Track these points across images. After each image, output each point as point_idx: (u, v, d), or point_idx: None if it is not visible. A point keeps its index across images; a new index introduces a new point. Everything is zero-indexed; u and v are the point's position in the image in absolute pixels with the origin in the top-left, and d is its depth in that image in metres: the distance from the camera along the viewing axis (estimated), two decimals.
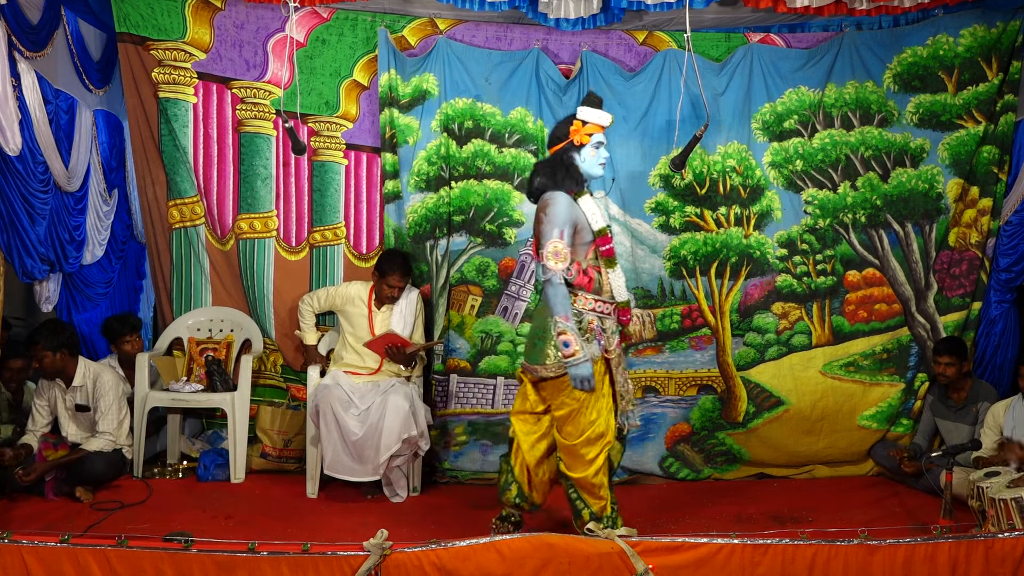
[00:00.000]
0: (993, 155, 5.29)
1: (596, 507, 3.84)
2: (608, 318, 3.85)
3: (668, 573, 3.38)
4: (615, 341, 3.85)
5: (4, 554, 3.33)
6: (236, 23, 5.19)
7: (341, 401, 4.72)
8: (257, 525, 4.29)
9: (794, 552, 3.44)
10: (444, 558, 3.36)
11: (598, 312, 3.82)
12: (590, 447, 3.75)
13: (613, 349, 3.82)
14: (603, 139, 3.89)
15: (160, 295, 5.47)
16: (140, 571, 3.33)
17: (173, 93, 5.21)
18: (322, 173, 5.37)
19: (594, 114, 3.86)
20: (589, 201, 3.90)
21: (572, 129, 3.88)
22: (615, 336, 3.86)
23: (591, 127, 3.86)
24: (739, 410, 5.32)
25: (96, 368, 4.85)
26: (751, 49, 5.29)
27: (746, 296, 5.34)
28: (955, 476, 4.18)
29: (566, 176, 3.84)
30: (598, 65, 5.26)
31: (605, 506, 3.86)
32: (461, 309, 5.31)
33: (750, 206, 5.35)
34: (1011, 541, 3.50)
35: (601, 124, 3.87)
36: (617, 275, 3.87)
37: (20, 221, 4.54)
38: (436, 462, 5.23)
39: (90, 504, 4.52)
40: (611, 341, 3.82)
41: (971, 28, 5.22)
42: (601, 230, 3.86)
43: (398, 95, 5.22)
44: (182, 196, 5.32)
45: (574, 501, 3.88)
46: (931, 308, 5.36)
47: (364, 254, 5.41)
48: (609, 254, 3.86)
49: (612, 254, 3.87)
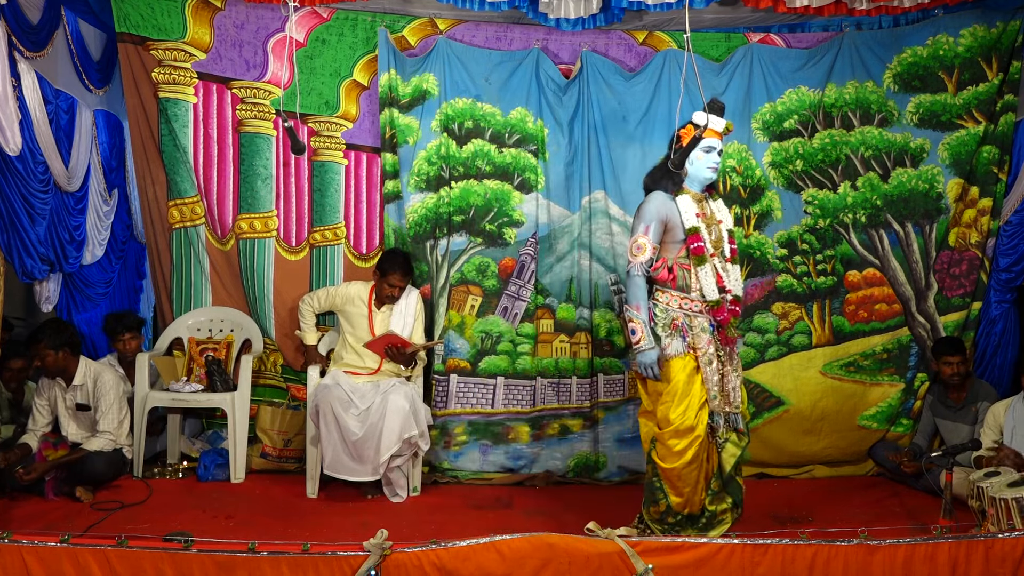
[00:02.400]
0: (993, 155, 5.29)
1: (675, 502, 3.87)
2: (698, 316, 3.88)
3: (668, 573, 3.39)
4: (705, 339, 3.86)
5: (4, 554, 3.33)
6: (236, 23, 5.19)
7: (341, 401, 4.72)
8: (257, 525, 4.28)
9: (794, 552, 3.44)
10: (444, 558, 3.36)
11: (684, 310, 3.89)
12: (678, 439, 3.79)
13: (703, 347, 3.85)
14: (714, 144, 3.93)
15: (160, 295, 5.47)
16: (140, 571, 3.33)
17: (173, 93, 5.21)
18: (322, 173, 5.37)
19: (707, 118, 3.93)
20: (688, 200, 3.95)
21: (683, 132, 3.98)
22: (705, 334, 3.87)
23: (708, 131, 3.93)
24: None
25: (97, 368, 4.85)
26: (751, 49, 5.30)
27: (746, 296, 5.33)
28: (955, 476, 4.18)
29: (663, 176, 4.01)
30: (598, 65, 5.26)
31: (685, 503, 3.86)
32: (461, 309, 5.31)
33: (750, 206, 5.35)
34: (1011, 541, 3.50)
35: (715, 129, 3.94)
36: (707, 273, 3.87)
37: (20, 221, 4.54)
38: (436, 462, 5.23)
39: (90, 504, 4.51)
40: (699, 339, 3.86)
41: (971, 28, 5.22)
42: (692, 228, 3.90)
43: (398, 95, 5.22)
44: (182, 196, 5.32)
45: (655, 490, 3.90)
46: (931, 308, 5.36)
47: (364, 254, 5.41)
48: (698, 252, 3.88)
49: (701, 252, 3.88)
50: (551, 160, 5.33)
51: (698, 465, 3.82)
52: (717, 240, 3.97)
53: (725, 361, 3.92)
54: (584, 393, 5.33)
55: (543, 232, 5.32)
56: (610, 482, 5.21)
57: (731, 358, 3.95)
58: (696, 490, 3.85)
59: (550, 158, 5.33)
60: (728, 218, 4.08)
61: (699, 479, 3.85)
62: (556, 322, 5.36)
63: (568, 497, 4.90)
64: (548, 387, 5.33)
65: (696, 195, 4.00)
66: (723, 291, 3.90)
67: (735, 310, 3.94)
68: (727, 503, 3.92)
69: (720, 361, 3.90)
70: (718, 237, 3.98)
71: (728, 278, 3.94)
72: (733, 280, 3.96)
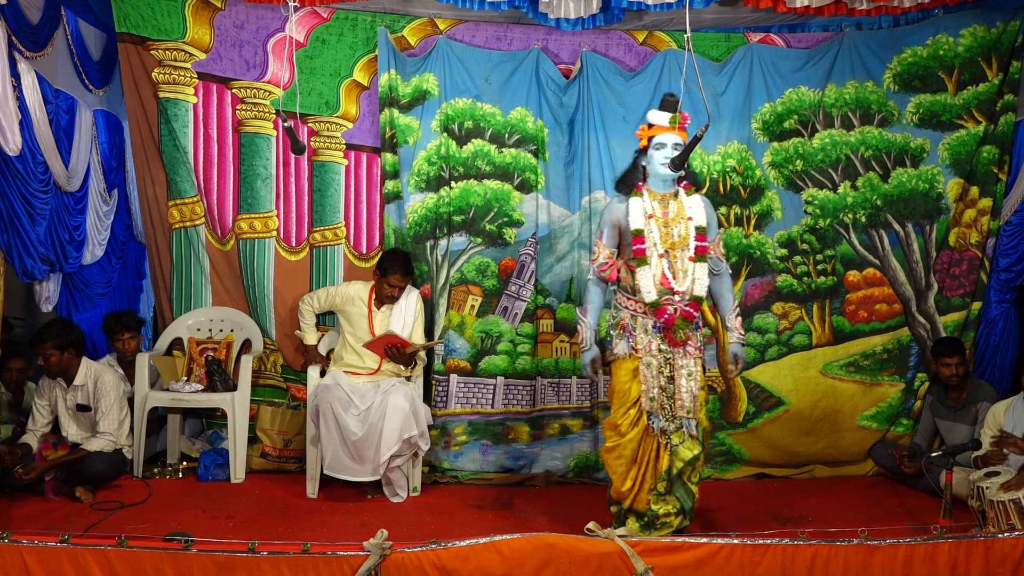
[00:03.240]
0: (993, 155, 5.29)
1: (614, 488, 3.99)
2: (642, 317, 3.89)
3: (668, 573, 3.39)
4: (646, 340, 3.88)
5: (4, 554, 3.33)
6: (236, 23, 5.19)
7: (341, 401, 4.72)
8: (257, 525, 4.28)
9: (794, 552, 3.44)
10: (444, 558, 3.36)
11: (631, 310, 3.93)
12: (609, 431, 4.02)
13: (644, 348, 3.87)
14: (664, 140, 3.91)
15: (160, 295, 5.47)
16: (140, 571, 3.33)
17: (173, 93, 5.21)
18: (322, 173, 5.37)
19: (654, 115, 3.97)
20: (638, 202, 3.96)
21: (639, 133, 4.03)
22: (647, 335, 3.88)
23: (653, 129, 3.95)
24: (739, 410, 5.33)
25: (98, 368, 4.85)
26: (751, 49, 5.30)
27: (746, 296, 5.34)
28: (955, 476, 4.17)
29: (626, 179, 4.07)
30: (598, 65, 5.26)
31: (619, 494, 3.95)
32: (461, 309, 5.31)
33: (750, 206, 5.35)
34: (1011, 541, 3.50)
35: (661, 125, 3.94)
36: (646, 274, 3.87)
37: (20, 221, 4.54)
38: (436, 462, 5.23)
39: (90, 504, 4.51)
40: (640, 340, 3.88)
41: (971, 28, 5.22)
42: (636, 230, 3.91)
43: (398, 95, 5.22)
44: (182, 196, 5.32)
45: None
46: (931, 308, 5.36)
47: (364, 254, 5.41)
48: (638, 253, 3.90)
49: (641, 253, 3.89)
50: (551, 160, 5.33)
51: (627, 461, 3.91)
52: (680, 239, 3.90)
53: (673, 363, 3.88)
54: (584, 393, 5.33)
55: (543, 232, 5.32)
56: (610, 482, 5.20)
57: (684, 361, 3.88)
58: (625, 482, 3.93)
59: (550, 158, 5.33)
60: (701, 215, 3.96)
61: (633, 475, 3.92)
62: (556, 322, 5.36)
63: (568, 497, 4.90)
64: (548, 387, 5.33)
65: (658, 194, 3.97)
66: (670, 292, 3.85)
67: (688, 311, 3.84)
68: (671, 507, 3.90)
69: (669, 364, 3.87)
70: (682, 236, 3.91)
71: (684, 278, 3.87)
72: (690, 280, 3.88)
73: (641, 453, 3.91)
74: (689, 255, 3.90)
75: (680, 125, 3.92)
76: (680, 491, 3.92)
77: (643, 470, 3.92)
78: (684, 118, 3.94)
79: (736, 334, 4.07)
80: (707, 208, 4.05)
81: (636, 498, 3.94)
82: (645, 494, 3.92)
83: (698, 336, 3.94)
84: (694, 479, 3.96)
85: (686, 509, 3.93)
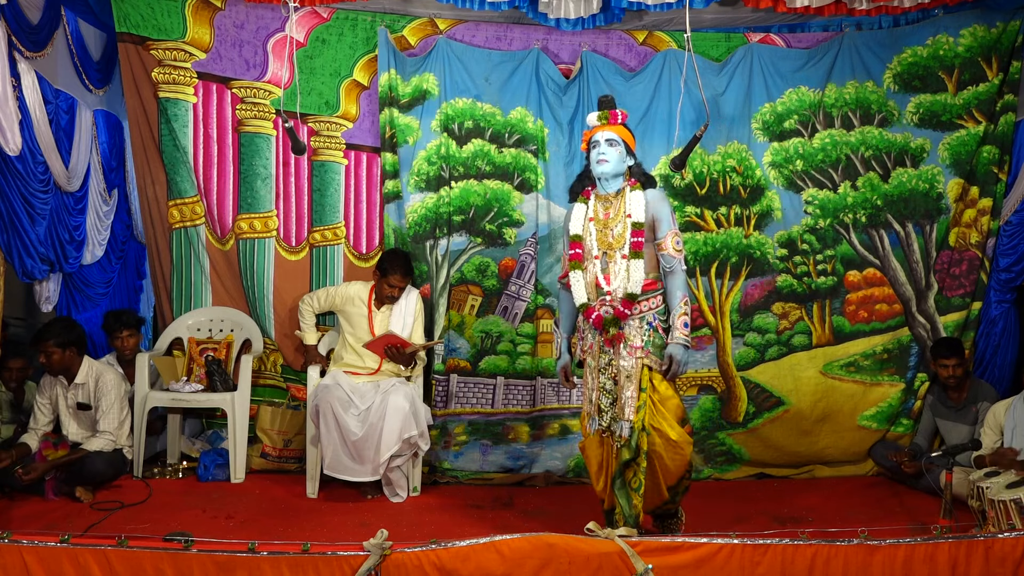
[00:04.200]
0: (993, 155, 5.29)
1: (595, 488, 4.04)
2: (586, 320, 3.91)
3: (668, 573, 3.38)
4: (588, 342, 3.92)
5: (4, 554, 3.33)
6: (236, 23, 5.19)
7: (341, 401, 4.72)
8: (257, 525, 4.29)
9: (794, 552, 3.44)
10: (444, 558, 3.35)
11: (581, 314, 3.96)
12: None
13: (588, 350, 3.92)
14: (598, 137, 3.88)
15: (160, 295, 5.47)
16: (140, 571, 3.33)
17: (173, 93, 5.21)
18: (322, 173, 5.37)
19: (589, 118, 3.96)
20: (579, 208, 3.99)
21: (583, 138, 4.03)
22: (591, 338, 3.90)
23: (592, 131, 3.93)
24: (739, 410, 5.33)
25: (99, 367, 4.86)
26: (751, 49, 5.30)
27: (746, 296, 5.34)
28: (955, 476, 4.17)
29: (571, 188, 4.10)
30: (598, 65, 5.26)
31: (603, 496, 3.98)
32: (461, 309, 5.31)
33: (750, 206, 5.35)
34: (1011, 541, 3.49)
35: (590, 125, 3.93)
36: (577, 278, 3.89)
37: (20, 221, 4.54)
38: (436, 462, 5.23)
39: (90, 504, 4.51)
40: (584, 342, 3.94)
41: (971, 28, 5.22)
42: (573, 235, 3.93)
43: (398, 95, 5.22)
44: (182, 196, 5.32)
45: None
46: (931, 308, 5.36)
47: (364, 254, 5.41)
48: (573, 258, 3.93)
49: (577, 258, 3.92)
50: (551, 160, 5.33)
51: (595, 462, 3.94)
52: (617, 239, 3.83)
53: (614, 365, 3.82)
54: None
55: (543, 232, 5.32)
56: None
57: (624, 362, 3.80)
58: (595, 482, 3.98)
59: (550, 158, 5.33)
60: (640, 211, 3.81)
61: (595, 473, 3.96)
62: (556, 322, 5.36)
63: (568, 497, 4.90)
64: (548, 387, 5.33)
65: (603, 196, 3.93)
66: (602, 292, 3.81)
67: (619, 309, 3.77)
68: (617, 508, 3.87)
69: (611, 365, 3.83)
70: (620, 235, 3.84)
71: (618, 277, 3.80)
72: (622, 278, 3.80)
73: (603, 456, 3.91)
74: (623, 253, 3.82)
75: (610, 121, 3.88)
76: (620, 495, 3.83)
77: (608, 471, 3.91)
78: (613, 115, 3.88)
79: (677, 334, 3.81)
80: (656, 203, 3.85)
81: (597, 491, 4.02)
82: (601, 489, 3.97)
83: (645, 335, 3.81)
84: (634, 485, 3.81)
85: (625, 515, 3.80)
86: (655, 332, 3.82)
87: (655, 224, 3.85)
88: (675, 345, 3.81)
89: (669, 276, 3.87)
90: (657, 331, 3.83)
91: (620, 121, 3.92)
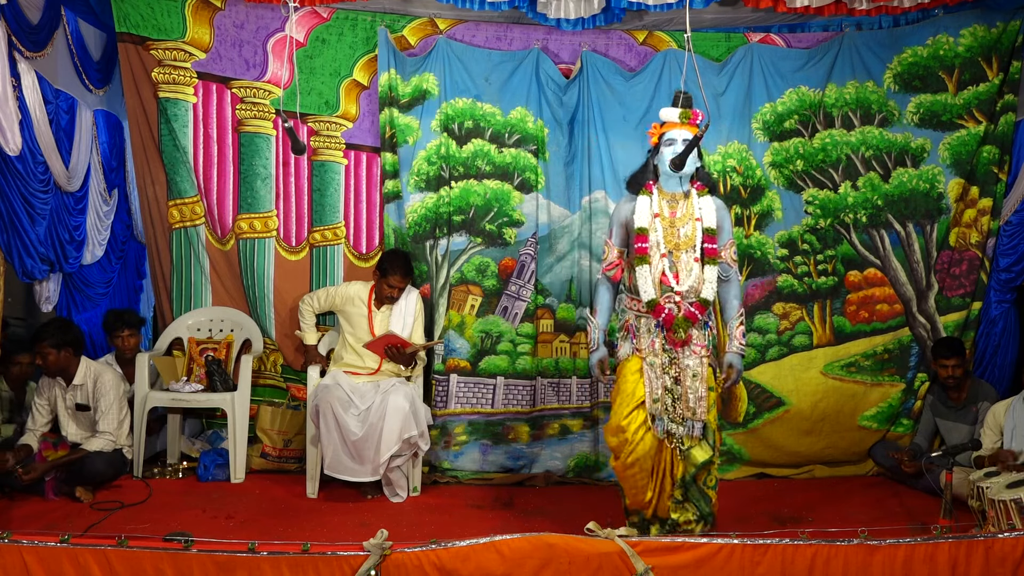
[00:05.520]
0: (993, 155, 5.29)
1: (627, 502, 3.94)
2: (645, 317, 3.86)
3: (668, 573, 3.38)
4: (648, 340, 3.85)
5: (4, 554, 3.33)
6: (236, 23, 5.19)
7: (341, 401, 4.72)
8: (257, 525, 4.28)
9: (794, 552, 3.44)
10: (444, 558, 3.36)
11: (634, 311, 3.91)
12: (612, 436, 3.90)
13: (646, 349, 3.84)
14: (674, 136, 3.89)
15: (160, 295, 5.47)
16: (140, 571, 3.33)
17: (173, 93, 5.21)
18: (322, 173, 5.37)
19: (666, 112, 3.96)
20: (645, 201, 3.94)
21: (650, 132, 4.03)
22: (650, 335, 3.85)
23: (665, 126, 3.95)
24: (739, 410, 5.33)
25: (97, 368, 4.85)
26: (751, 49, 5.30)
27: (747, 296, 5.33)
28: (955, 476, 4.17)
29: (632, 179, 4.08)
30: (598, 65, 5.26)
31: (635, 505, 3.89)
32: (461, 309, 5.31)
33: (751, 206, 5.35)
34: (1011, 541, 3.49)
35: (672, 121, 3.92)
36: (644, 273, 3.84)
37: (20, 221, 4.54)
38: (436, 462, 5.23)
39: (90, 504, 4.51)
40: (643, 340, 3.86)
41: (971, 28, 5.22)
42: (639, 229, 3.89)
43: (398, 95, 5.22)
44: (182, 196, 5.32)
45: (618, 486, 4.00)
46: (932, 308, 5.36)
47: (364, 254, 5.41)
48: (639, 252, 3.87)
49: (642, 252, 3.86)
50: (551, 160, 5.33)
51: (640, 469, 3.81)
52: (686, 239, 3.86)
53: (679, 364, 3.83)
54: (584, 393, 5.33)
55: (543, 232, 5.32)
56: (610, 482, 5.19)
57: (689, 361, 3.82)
58: (643, 494, 3.85)
59: (550, 158, 5.33)
60: (711, 217, 3.91)
61: (646, 484, 3.84)
62: (556, 322, 5.36)
63: (568, 497, 4.90)
64: (548, 387, 5.33)
65: (668, 193, 3.94)
66: (669, 290, 3.80)
67: (691, 312, 3.79)
68: (690, 514, 3.86)
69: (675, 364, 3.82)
70: (688, 236, 3.86)
71: (687, 277, 3.82)
72: (694, 280, 3.83)
73: (658, 462, 3.84)
74: (695, 256, 3.85)
75: (691, 121, 3.91)
76: (696, 496, 3.85)
77: (661, 478, 3.85)
78: (695, 115, 3.92)
79: (736, 343, 3.95)
80: (720, 211, 3.97)
81: (658, 507, 3.88)
82: (666, 502, 3.87)
83: (706, 336, 3.87)
84: (710, 483, 3.87)
85: (704, 514, 3.86)
86: (711, 332, 3.92)
87: (718, 232, 3.94)
88: (735, 355, 3.94)
89: (725, 284, 4.00)
90: (713, 332, 3.93)
91: (699, 122, 3.94)
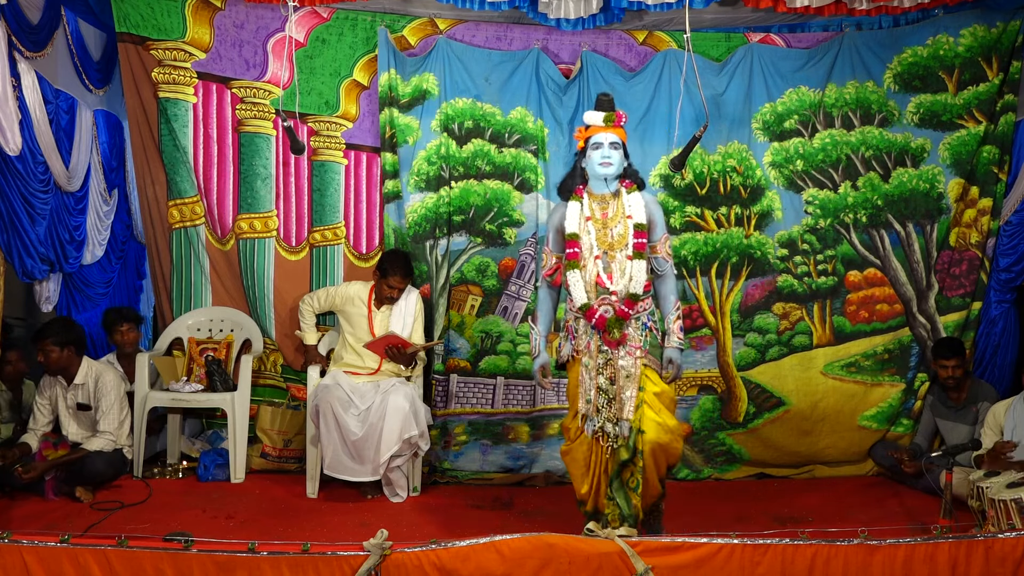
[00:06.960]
0: (993, 155, 5.29)
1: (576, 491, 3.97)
2: (581, 319, 3.86)
3: (668, 573, 3.38)
4: (584, 342, 3.85)
5: (4, 554, 3.33)
6: (236, 23, 5.19)
7: (341, 401, 4.72)
8: (257, 525, 4.29)
9: (794, 552, 3.44)
10: (444, 558, 3.35)
11: (573, 313, 3.91)
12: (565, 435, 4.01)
13: (583, 350, 3.85)
14: (600, 139, 3.85)
15: (160, 295, 5.47)
16: (140, 571, 3.33)
17: (173, 93, 5.21)
18: (322, 173, 5.37)
19: (589, 116, 3.92)
20: (575, 206, 3.92)
21: (576, 135, 3.99)
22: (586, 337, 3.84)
23: (590, 130, 3.90)
24: (739, 410, 5.33)
25: (98, 368, 4.86)
26: (751, 49, 5.30)
27: (747, 296, 5.34)
28: (955, 476, 4.17)
29: (561, 186, 4.05)
30: (598, 65, 5.26)
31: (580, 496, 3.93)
32: (461, 309, 5.31)
33: (751, 206, 5.35)
34: (1011, 541, 3.49)
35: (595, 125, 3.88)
36: (575, 278, 3.84)
37: (20, 221, 4.54)
38: (436, 462, 5.23)
39: (90, 504, 4.51)
40: (580, 342, 3.87)
41: (971, 28, 5.22)
42: (570, 234, 3.87)
43: (398, 95, 5.22)
44: (182, 196, 5.32)
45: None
46: (932, 308, 5.36)
47: (364, 254, 5.41)
48: (569, 258, 3.87)
49: (572, 257, 3.86)
50: (551, 160, 5.33)
51: (572, 460, 3.92)
52: (618, 239, 3.83)
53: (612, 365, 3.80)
54: None
55: (543, 232, 5.31)
56: None
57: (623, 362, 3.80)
58: (580, 486, 3.91)
59: (550, 158, 5.33)
60: (640, 213, 3.84)
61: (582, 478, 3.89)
62: (556, 322, 5.35)
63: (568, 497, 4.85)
64: None
65: (598, 195, 3.91)
66: (605, 291, 3.78)
67: (623, 310, 3.77)
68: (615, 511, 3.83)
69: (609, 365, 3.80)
70: (621, 235, 3.84)
71: (623, 277, 3.80)
72: (626, 279, 3.80)
73: (592, 457, 3.86)
74: (628, 254, 3.82)
75: (616, 123, 3.87)
76: (619, 495, 3.82)
77: (597, 473, 3.87)
78: (619, 116, 3.88)
79: (675, 338, 3.86)
80: (651, 205, 3.91)
81: (597, 502, 3.90)
82: (603, 498, 3.87)
83: (643, 336, 3.81)
84: (631, 484, 3.80)
85: (625, 514, 3.80)
86: (650, 332, 3.86)
87: (650, 227, 3.88)
88: (674, 349, 3.87)
89: (661, 280, 3.94)
90: (651, 331, 3.86)
91: (623, 123, 3.91)
